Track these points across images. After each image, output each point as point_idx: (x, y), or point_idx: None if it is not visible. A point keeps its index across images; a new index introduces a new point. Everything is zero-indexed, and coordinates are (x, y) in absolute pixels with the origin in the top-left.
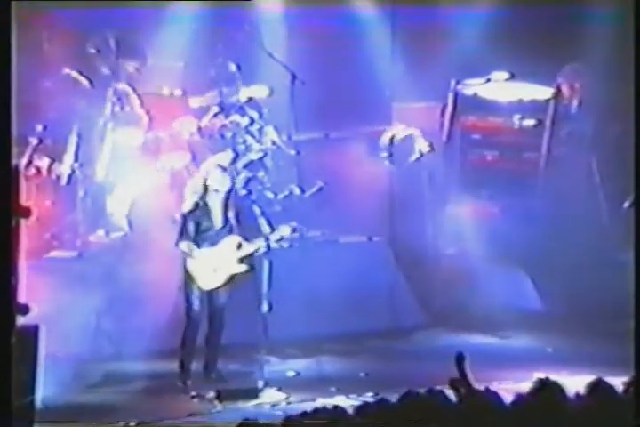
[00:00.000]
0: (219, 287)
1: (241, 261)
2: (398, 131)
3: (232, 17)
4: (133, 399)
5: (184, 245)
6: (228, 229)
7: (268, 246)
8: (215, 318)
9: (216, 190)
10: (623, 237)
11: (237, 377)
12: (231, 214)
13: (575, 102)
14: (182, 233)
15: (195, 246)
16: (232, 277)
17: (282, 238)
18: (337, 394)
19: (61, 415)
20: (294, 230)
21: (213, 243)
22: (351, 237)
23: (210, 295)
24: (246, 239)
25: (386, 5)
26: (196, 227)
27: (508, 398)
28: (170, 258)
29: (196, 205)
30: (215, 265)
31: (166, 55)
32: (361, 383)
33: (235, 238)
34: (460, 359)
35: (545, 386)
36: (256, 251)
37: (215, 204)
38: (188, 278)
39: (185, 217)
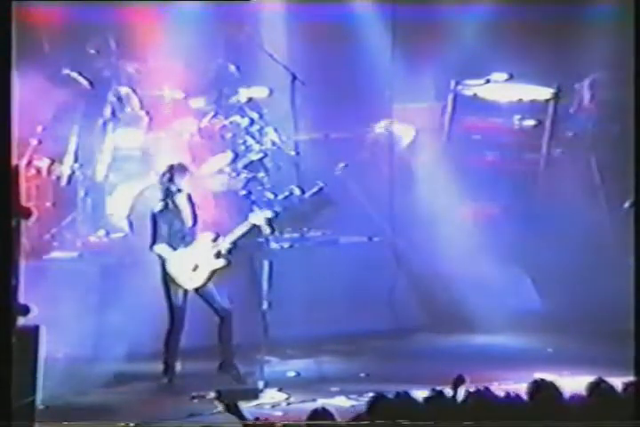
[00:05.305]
0: (201, 286)
1: (218, 255)
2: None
3: (232, 17)
4: (133, 399)
5: (159, 249)
6: (199, 226)
7: (267, 243)
8: (221, 317)
9: (179, 190)
10: (623, 237)
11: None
12: (199, 212)
13: (587, 101)
14: (155, 236)
15: (170, 249)
16: (213, 274)
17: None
18: (337, 394)
19: (61, 415)
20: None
21: (188, 242)
22: (351, 237)
23: (211, 295)
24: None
25: (386, 6)
26: (168, 228)
27: (506, 399)
28: None
29: (166, 205)
30: (194, 264)
31: (166, 56)
32: (361, 384)
33: (208, 234)
34: (458, 382)
35: (540, 387)
36: (234, 243)
37: (183, 203)
38: (169, 280)
39: (155, 219)
